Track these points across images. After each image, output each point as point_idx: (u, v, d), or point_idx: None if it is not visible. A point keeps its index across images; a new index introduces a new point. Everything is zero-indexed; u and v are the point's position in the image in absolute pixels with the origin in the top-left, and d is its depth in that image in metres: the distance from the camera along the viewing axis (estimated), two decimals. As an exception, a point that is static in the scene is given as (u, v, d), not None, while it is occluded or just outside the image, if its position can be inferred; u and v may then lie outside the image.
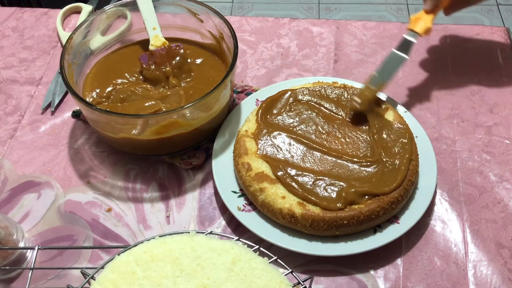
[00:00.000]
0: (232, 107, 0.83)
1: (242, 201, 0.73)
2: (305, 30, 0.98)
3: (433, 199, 0.73)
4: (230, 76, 0.75)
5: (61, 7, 1.02)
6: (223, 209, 0.75)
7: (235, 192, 0.74)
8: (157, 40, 0.83)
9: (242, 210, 0.71)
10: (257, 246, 0.62)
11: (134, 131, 0.74)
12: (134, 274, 0.57)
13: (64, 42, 0.88)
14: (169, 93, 0.80)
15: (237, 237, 0.63)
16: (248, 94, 0.86)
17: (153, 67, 0.82)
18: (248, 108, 0.82)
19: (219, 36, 0.84)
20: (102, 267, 0.59)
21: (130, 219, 0.74)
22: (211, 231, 0.63)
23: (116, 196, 0.77)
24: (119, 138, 0.76)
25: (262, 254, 0.60)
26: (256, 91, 0.86)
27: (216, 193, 0.76)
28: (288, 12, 2.18)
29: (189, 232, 0.60)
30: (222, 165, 0.76)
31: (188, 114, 0.73)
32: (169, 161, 0.80)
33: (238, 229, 0.73)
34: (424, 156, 0.75)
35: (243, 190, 0.73)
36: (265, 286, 0.56)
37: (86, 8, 1.01)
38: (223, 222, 0.74)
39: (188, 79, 0.82)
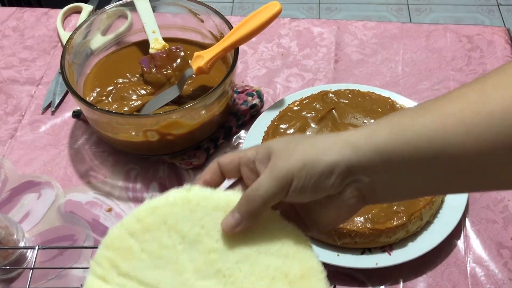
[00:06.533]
0: (233, 107, 0.83)
1: None
2: (305, 30, 0.98)
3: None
4: (231, 76, 0.75)
5: (61, 7, 1.02)
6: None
7: None
8: (157, 43, 0.83)
9: None
10: None
11: (134, 131, 0.74)
12: (130, 249, 0.48)
13: (64, 42, 0.88)
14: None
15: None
16: (248, 95, 0.86)
17: (154, 70, 0.82)
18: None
19: (219, 36, 0.84)
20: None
21: (131, 219, 0.74)
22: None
23: (117, 196, 0.77)
24: (120, 138, 0.76)
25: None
26: (256, 91, 0.86)
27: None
28: (288, 12, 2.18)
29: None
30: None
31: (189, 114, 0.73)
32: (169, 161, 0.80)
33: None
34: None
35: None
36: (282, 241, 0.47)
37: (87, 8, 1.01)
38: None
39: (190, 81, 0.82)
